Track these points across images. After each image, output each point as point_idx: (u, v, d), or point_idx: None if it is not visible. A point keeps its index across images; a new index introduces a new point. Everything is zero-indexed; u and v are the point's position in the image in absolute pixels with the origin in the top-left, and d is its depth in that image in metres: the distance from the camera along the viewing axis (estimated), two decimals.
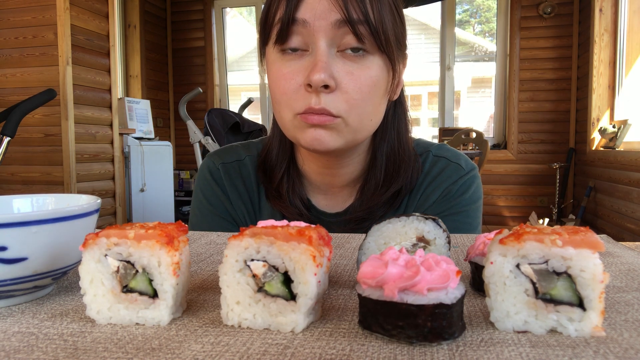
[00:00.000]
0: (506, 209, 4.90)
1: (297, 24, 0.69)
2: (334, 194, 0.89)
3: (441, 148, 0.91)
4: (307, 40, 0.70)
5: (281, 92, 0.73)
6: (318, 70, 0.67)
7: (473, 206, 0.87)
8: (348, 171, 0.85)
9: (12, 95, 3.37)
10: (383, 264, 0.37)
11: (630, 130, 3.74)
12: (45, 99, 2.39)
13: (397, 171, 0.84)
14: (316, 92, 0.69)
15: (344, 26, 0.68)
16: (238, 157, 0.94)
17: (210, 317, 0.42)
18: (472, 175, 0.87)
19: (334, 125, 0.71)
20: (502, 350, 0.34)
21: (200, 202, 0.93)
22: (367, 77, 0.71)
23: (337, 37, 0.69)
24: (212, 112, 3.55)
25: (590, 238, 0.36)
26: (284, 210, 0.86)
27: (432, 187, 0.86)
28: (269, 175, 0.88)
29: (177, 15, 5.51)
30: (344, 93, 0.70)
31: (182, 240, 0.42)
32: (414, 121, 4.53)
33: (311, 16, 0.69)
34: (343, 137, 0.73)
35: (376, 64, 0.72)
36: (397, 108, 0.85)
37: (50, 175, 3.44)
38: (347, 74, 0.70)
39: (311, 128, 0.72)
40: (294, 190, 0.87)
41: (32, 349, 0.36)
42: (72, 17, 3.44)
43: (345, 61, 0.70)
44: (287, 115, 0.74)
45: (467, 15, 5.46)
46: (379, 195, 0.83)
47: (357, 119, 0.72)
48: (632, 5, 3.86)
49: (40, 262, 0.44)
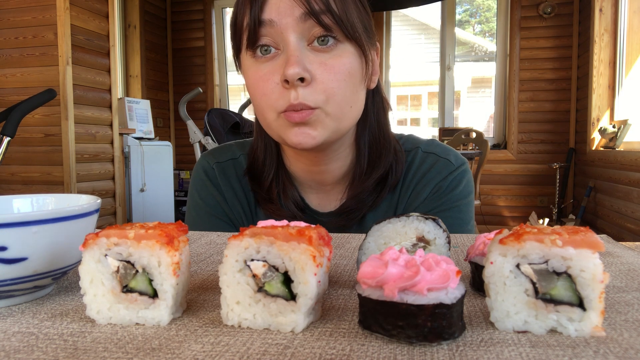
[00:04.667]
0: (506, 209, 4.90)
1: (265, 25, 0.71)
2: (327, 192, 0.89)
3: (430, 144, 0.90)
4: (277, 39, 0.71)
5: (261, 94, 0.73)
6: (291, 64, 0.68)
7: (464, 201, 0.87)
8: (336, 166, 0.85)
9: (12, 95, 3.37)
10: (383, 264, 0.37)
11: (630, 130, 3.74)
12: (45, 99, 2.39)
13: (379, 158, 0.85)
14: (294, 87, 0.70)
15: (308, 19, 0.70)
16: (233, 155, 0.93)
17: (210, 317, 0.42)
18: (462, 171, 0.87)
19: (315, 117, 0.72)
20: (502, 350, 0.34)
21: (196, 202, 0.93)
22: (340, 65, 0.72)
23: (305, 31, 0.71)
24: (212, 112, 3.55)
25: (590, 238, 0.36)
26: (276, 214, 0.86)
27: (423, 184, 0.86)
28: (257, 181, 0.88)
29: (177, 15, 5.51)
30: (320, 84, 0.71)
31: (182, 240, 0.43)
32: (414, 121, 4.50)
33: (276, 15, 0.70)
34: (326, 127, 0.73)
35: (348, 52, 0.73)
36: (375, 97, 0.86)
37: (50, 175, 3.44)
38: (320, 65, 0.71)
39: (295, 127, 0.72)
40: (286, 193, 0.87)
41: (32, 349, 0.36)
42: (72, 17, 3.43)
43: (317, 53, 0.71)
44: (271, 116, 0.74)
45: (467, 15, 5.46)
46: (363, 182, 0.84)
47: (337, 107, 0.73)
48: (632, 5, 3.86)
49: (40, 262, 0.44)
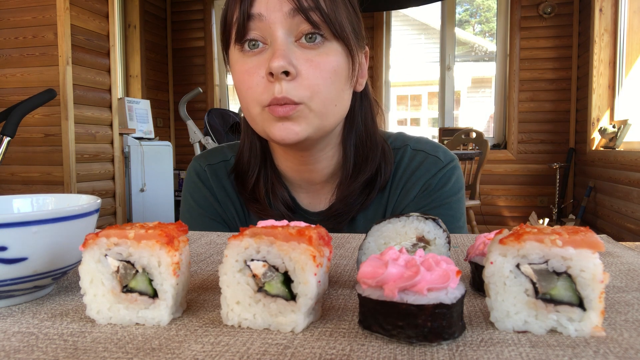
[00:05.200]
0: (506, 209, 4.90)
1: (254, 19, 0.71)
2: (316, 191, 0.89)
3: (419, 141, 0.90)
4: (265, 34, 0.72)
5: (246, 88, 0.74)
6: (276, 57, 0.69)
7: (454, 198, 0.86)
8: (324, 166, 0.85)
9: (12, 95, 3.37)
10: (383, 264, 0.37)
11: (630, 130, 3.74)
12: (45, 99, 2.39)
13: (365, 161, 0.85)
14: (278, 81, 0.70)
15: (297, 15, 0.70)
16: (224, 157, 0.94)
17: (210, 317, 0.42)
18: (451, 167, 0.87)
19: (298, 113, 0.72)
20: (502, 350, 0.34)
21: (189, 205, 0.93)
22: (326, 63, 0.72)
23: (293, 26, 0.71)
24: (212, 112, 3.55)
25: (590, 238, 0.36)
26: (264, 214, 0.85)
27: (412, 182, 0.86)
28: (241, 181, 0.88)
29: (177, 15, 5.51)
30: (305, 79, 0.71)
31: (182, 240, 0.43)
32: (414, 121, 4.50)
33: (265, 9, 0.71)
34: (310, 123, 0.74)
35: (334, 50, 0.73)
36: (364, 100, 0.86)
37: (50, 175, 3.44)
38: (306, 61, 0.71)
39: (279, 122, 0.73)
40: (275, 193, 0.86)
41: (32, 349, 0.36)
42: (72, 17, 3.43)
43: (303, 50, 0.72)
44: (255, 109, 0.74)
45: (467, 15, 5.46)
46: (349, 185, 0.84)
47: (321, 104, 0.73)
48: (632, 5, 3.86)
49: (40, 262, 0.44)
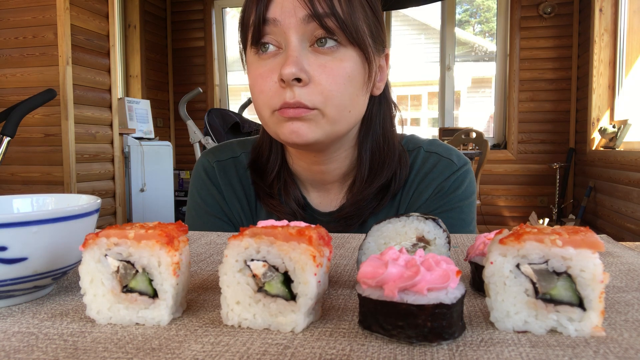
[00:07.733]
0: (506, 209, 4.90)
1: (269, 23, 0.71)
2: (327, 191, 0.89)
3: (432, 144, 0.90)
4: (280, 38, 0.72)
5: (259, 91, 0.74)
6: (288, 64, 0.69)
7: (466, 202, 0.86)
8: (336, 167, 0.85)
9: (12, 95, 3.37)
10: (383, 264, 0.37)
11: (630, 130, 3.74)
12: (45, 99, 2.39)
13: (382, 166, 0.84)
14: (290, 87, 0.70)
15: (312, 21, 0.70)
16: (233, 154, 0.93)
17: (210, 317, 0.42)
18: (464, 171, 0.87)
19: (311, 116, 0.72)
20: (502, 350, 0.34)
21: (195, 202, 0.93)
22: (340, 69, 0.72)
23: (308, 32, 0.71)
24: (212, 112, 3.55)
25: (590, 238, 0.36)
26: (276, 210, 0.86)
27: (425, 184, 0.86)
28: (260, 175, 0.88)
29: (177, 15, 5.51)
30: (318, 85, 0.71)
31: (182, 240, 0.42)
32: (414, 121, 4.48)
33: (280, 14, 0.71)
34: (321, 128, 0.74)
35: (349, 56, 0.73)
36: (382, 104, 0.85)
37: (50, 175, 3.44)
38: (319, 67, 0.71)
39: (289, 122, 0.73)
40: (287, 190, 0.87)
41: (32, 349, 0.36)
42: (72, 17, 3.43)
43: (318, 55, 0.72)
44: (266, 113, 0.75)
45: (467, 15, 5.45)
46: (363, 190, 0.84)
47: (334, 110, 0.73)
48: (632, 5, 3.86)
49: (40, 262, 0.44)
